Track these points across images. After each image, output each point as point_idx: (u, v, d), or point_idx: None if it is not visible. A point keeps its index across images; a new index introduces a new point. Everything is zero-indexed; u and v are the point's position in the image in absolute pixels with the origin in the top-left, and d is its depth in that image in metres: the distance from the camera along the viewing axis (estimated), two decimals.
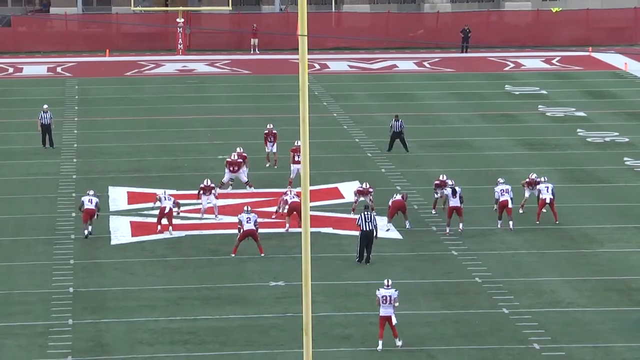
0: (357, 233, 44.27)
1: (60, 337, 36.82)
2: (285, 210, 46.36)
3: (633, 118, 68.07)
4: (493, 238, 45.71)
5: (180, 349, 35.78)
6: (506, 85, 77.84)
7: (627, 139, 62.86)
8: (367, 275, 42.32)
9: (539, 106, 71.33)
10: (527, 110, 70.43)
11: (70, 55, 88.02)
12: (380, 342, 34.86)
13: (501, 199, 46.38)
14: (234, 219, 45.01)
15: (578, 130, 65.14)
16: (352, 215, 46.97)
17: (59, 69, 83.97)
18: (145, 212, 49.75)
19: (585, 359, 35.44)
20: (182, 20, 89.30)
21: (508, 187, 46.40)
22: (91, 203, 45.82)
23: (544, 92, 75.53)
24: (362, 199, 47.32)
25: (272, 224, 47.43)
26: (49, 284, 41.28)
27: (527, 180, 48.42)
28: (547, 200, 46.63)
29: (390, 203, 46.32)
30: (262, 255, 42.83)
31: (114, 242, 46.48)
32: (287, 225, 45.97)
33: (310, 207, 21.58)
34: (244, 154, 51.84)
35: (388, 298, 34.94)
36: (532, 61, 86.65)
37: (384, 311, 34.94)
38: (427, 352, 36.14)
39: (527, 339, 37.02)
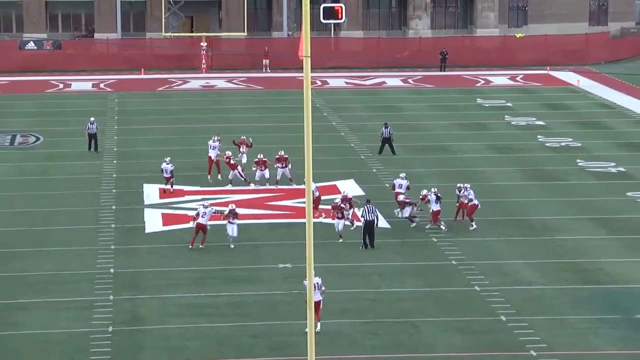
0: (356, 223, 44.34)
1: (102, 311, 36.85)
2: None
3: (585, 126, 68.06)
4: (466, 227, 45.66)
5: (204, 321, 35.82)
6: (477, 99, 77.85)
7: (579, 144, 62.90)
8: (362, 258, 42.35)
9: (505, 116, 71.36)
10: (495, 119, 70.43)
11: (111, 73, 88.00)
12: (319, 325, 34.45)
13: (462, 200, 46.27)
14: (250, 211, 45.11)
15: (538, 136, 65.16)
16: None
17: (101, 85, 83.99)
18: (174, 205, 49.81)
19: (544, 329, 35.44)
20: (205, 44, 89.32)
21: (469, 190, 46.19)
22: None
23: (509, 104, 75.52)
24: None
25: (281, 215, 47.51)
26: (93, 266, 41.31)
27: (422, 196, 47.87)
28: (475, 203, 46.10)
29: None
30: (202, 247, 42.79)
31: (147, 230, 46.47)
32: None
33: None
34: (264, 159, 52.10)
35: (318, 285, 34.50)
36: (499, 78, 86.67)
37: (316, 297, 34.72)
38: (411, 323, 36.13)
39: (495, 312, 37.04)
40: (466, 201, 45.73)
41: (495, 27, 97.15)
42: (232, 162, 51.61)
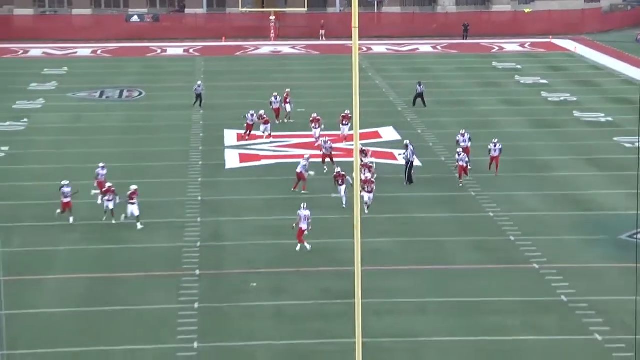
0: (392, 162, 44.37)
1: (192, 230, 37.23)
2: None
3: (580, 85, 67.46)
4: (484, 169, 45.49)
5: (272, 239, 36.14)
6: (493, 62, 77.24)
7: (575, 99, 62.40)
8: (399, 190, 42.41)
9: (516, 76, 70.76)
10: (507, 79, 69.91)
11: (198, 41, 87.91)
12: (299, 245, 34.97)
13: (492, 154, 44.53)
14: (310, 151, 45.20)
15: (542, 92, 64.67)
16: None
17: (190, 50, 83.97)
18: (249, 147, 49.93)
19: (545, 247, 35.47)
20: (273, 17, 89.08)
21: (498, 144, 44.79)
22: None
23: (519, 66, 74.89)
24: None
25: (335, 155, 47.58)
26: (184, 194, 41.67)
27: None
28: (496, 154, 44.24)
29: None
30: (304, 192, 41.38)
31: (227, 166, 46.69)
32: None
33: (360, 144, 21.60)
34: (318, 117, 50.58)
35: (306, 216, 34.88)
36: (511, 46, 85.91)
37: (302, 226, 34.90)
38: (438, 242, 36.28)
39: (506, 233, 37.13)
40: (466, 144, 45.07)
41: (507, 4, 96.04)
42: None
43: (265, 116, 51.66)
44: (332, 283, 31.96)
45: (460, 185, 42.35)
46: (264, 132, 51.14)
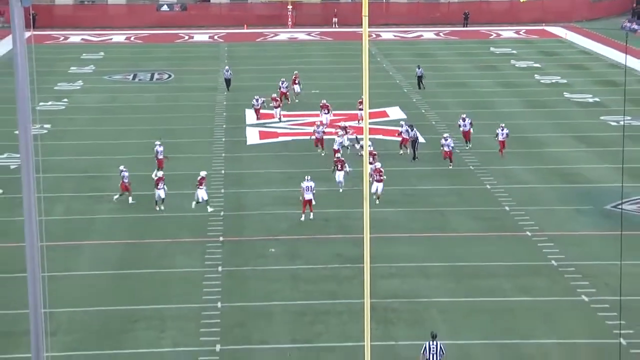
0: (398, 139, 44.19)
1: (216, 201, 37.19)
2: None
3: (570, 68, 67.13)
4: (484, 146, 45.36)
5: (290, 208, 36.03)
6: (490, 47, 76.98)
7: (565, 81, 62.16)
8: (403, 164, 42.30)
9: (511, 60, 70.51)
10: (503, 63, 69.65)
11: (222, 28, 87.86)
12: (303, 215, 34.85)
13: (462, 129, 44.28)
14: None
15: (535, 75, 64.45)
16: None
17: (215, 37, 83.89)
18: (267, 125, 49.88)
19: (537, 216, 35.38)
20: (291, 7, 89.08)
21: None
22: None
23: (514, 52, 74.59)
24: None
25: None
26: (209, 168, 41.57)
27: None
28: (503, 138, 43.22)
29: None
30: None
31: (248, 143, 46.65)
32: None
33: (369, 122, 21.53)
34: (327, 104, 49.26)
35: (310, 187, 34.69)
36: (507, 32, 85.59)
37: (307, 196, 34.74)
38: (440, 212, 36.21)
39: (501, 204, 36.99)
40: (466, 128, 44.46)
41: None
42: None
43: (278, 99, 51.40)
44: (343, 249, 31.94)
45: (450, 167, 41.65)
46: (276, 115, 50.58)
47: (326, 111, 48.55)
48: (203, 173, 36.43)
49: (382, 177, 36.61)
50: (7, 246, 32.24)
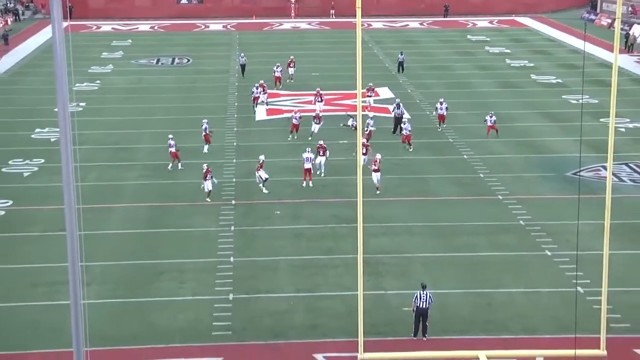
0: (387, 115, 44.04)
1: (228, 170, 37.17)
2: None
3: (536, 53, 66.76)
4: (461, 120, 45.26)
5: (294, 176, 35.98)
6: (468, 35, 76.53)
7: (532, 65, 61.84)
8: (390, 137, 42.18)
9: (485, 47, 70.14)
10: (478, 49, 69.25)
11: (234, 18, 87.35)
12: (304, 182, 34.69)
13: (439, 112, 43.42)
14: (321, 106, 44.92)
15: (506, 59, 64.13)
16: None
17: (228, 26, 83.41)
18: (272, 103, 49.69)
19: (507, 182, 35.36)
20: (294, 0, 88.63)
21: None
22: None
23: (488, 39, 74.15)
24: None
25: (339, 110, 47.25)
26: (223, 140, 41.53)
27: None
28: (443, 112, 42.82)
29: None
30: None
31: (257, 119, 46.45)
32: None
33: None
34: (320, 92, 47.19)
35: (309, 158, 34.59)
36: (482, 22, 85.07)
37: (307, 165, 34.58)
38: (424, 179, 36.16)
39: (477, 171, 36.93)
40: (442, 112, 43.41)
41: None
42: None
43: (265, 85, 49.35)
44: (339, 211, 31.94)
45: (411, 150, 40.05)
46: (264, 100, 48.27)
47: (319, 99, 46.66)
48: (262, 157, 34.67)
49: (378, 167, 33.90)
50: (49, 208, 32.27)
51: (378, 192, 33.67)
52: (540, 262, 27.45)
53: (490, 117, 42.82)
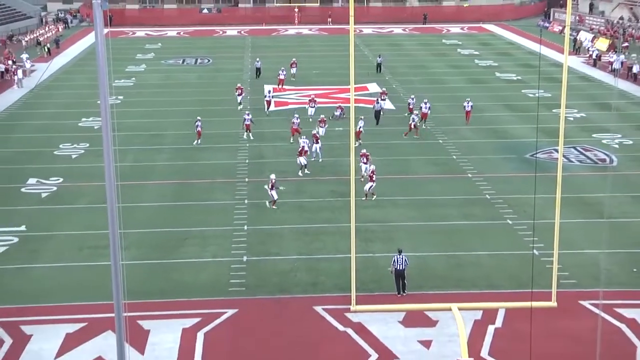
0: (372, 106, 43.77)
1: (243, 151, 36.99)
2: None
3: (499, 54, 66.46)
4: (437, 112, 44.98)
5: (296, 158, 35.84)
6: (443, 40, 76.21)
7: (497, 64, 61.56)
8: (373, 123, 41.97)
9: (458, 49, 69.83)
10: (452, 51, 68.94)
11: (246, 25, 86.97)
12: (299, 160, 33.71)
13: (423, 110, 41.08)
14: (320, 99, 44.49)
15: (475, 60, 63.86)
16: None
17: (242, 32, 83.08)
18: (280, 96, 49.43)
19: (476, 163, 35.20)
20: (297, 9, 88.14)
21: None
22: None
23: (460, 43, 73.84)
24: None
25: (336, 102, 46.90)
26: (237, 128, 41.17)
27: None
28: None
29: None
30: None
31: (267, 110, 46.26)
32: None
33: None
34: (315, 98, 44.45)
35: (305, 142, 33.84)
36: (455, 29, 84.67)
37: (305, 147, 33.79)
38: (405, 160, 36.01)
39: (450, 153, 36.74)
40: (425, 111, 41.33)
41: (453, 0, 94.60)
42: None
43: (242, 87, 46.74)
44: (336, 186, 31.84)
45: (424, 127, 40.13)
46: (241, 103, 45.26)
47: (312, 104, 43.14)
48: (273, 177, 29.51)
49: (373, 177, 30.16)
50: (94, 184, 32.21)
51: (374, 198, 30.14)
52: (502, 229, 27.42)
53: (467, 103, 42.49)
